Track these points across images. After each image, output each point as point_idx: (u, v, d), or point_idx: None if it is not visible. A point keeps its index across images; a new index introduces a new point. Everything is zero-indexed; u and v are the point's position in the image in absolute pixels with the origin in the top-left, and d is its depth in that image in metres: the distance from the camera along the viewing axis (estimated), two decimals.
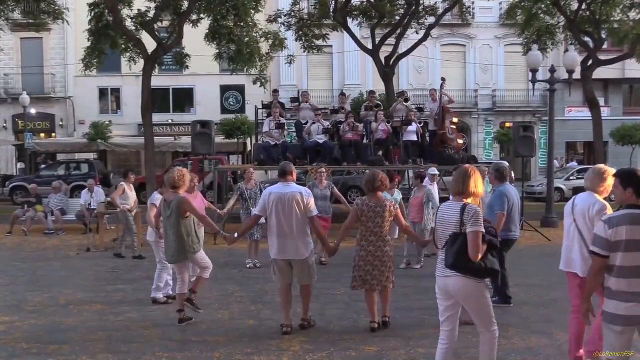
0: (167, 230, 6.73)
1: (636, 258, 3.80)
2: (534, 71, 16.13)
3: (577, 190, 11.38)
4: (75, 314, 7.26)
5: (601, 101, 27.63)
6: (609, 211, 4.63)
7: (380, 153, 15.19)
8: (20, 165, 31.86)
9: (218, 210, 10.67)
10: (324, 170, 11.29)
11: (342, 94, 17.69)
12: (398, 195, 10.82)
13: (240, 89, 32.01)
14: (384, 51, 22.04)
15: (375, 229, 6.16)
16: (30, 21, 22.79)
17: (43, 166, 27.89)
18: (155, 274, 7.88)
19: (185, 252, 6.61)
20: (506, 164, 7.91)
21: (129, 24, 19.84)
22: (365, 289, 6.37)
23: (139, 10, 19.80)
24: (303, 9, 22.86)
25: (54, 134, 32.34)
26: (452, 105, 15.78)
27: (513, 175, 15.48)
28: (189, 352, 5.77)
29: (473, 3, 30.62)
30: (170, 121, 32.11)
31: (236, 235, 6.57)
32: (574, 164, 30.26)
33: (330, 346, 5.93)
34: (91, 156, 28.57)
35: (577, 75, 17.52)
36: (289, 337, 6.21)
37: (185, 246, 6.58)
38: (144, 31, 20.15)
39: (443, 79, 15.36)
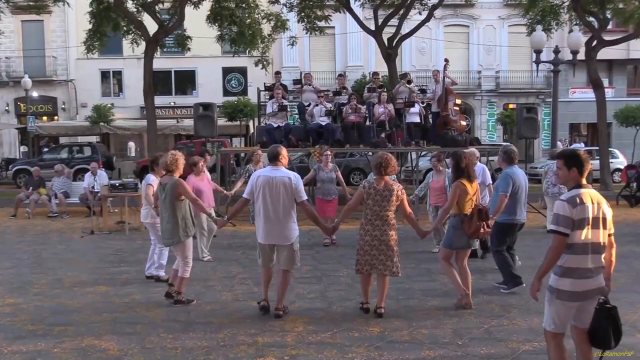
0: (162, 212, 6.83)
1: (594, 234, 3.96)
2: (538, 52, 16.03)
3: None
4: (79, 296, 7.31)
5: (605, 82, 27.43)
6: None
7: (383, 135, 15.16)
8: (23, 148, 31.90)
9: (224, 192, 10.75)
10: (329, 152, 11.27)
11: (340, 75, 17.63)
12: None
13: (242, 71, 31.90)
14: (387, 32, 21.88)
15: (381, 212, 6.06)
16: (31, 3, 22.67)
17: (46, 149, 27.92)
18: (154, 253, 7.99)
19: (178, 236, 6.67)
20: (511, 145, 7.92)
21: (130, 5, 19.72)
22: (364, 273, 6.28)
23: None
24: None
25: (56, 117, 32.33)
26: (455, 87, 15.71)
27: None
28: (193, 333, 5.82)
29: None
30: (172, 104, 32.08)
31: (225, 218, 6.61)
32: (580, 145, 30.12)
33: (333, 327, 5.97)
34: (94, 139, 28.57)
35: (581, 56, 17.40)
36: (292, 317, 6.25)
37: (179, 229, 6.64)
38: (145, 13, 20.03)
39: (446, 60, 15.27)
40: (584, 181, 4.09)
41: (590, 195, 4.02)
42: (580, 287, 3.95)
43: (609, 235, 4.07)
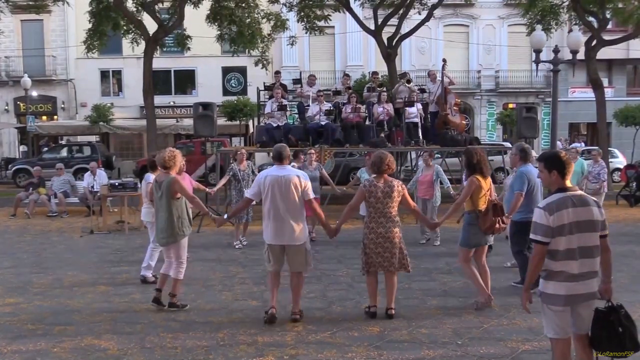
0: (158, 211, 6.70)
1: (581, 239, 3.84)
2: (538, 51, 16.00)
3: None
4: (79, 295, 7.31)
5: (605, 82, 27.41)
6: None
7: (383, 134, 15.16)
8: (23, 148, 31.89)
9: (207, 190, 10.71)
10: (313, 151, 11.37)
11: (346, 75, 17.61)
12: None
13: (242, 71, 31.89)
14: (387, 32, 21.88)
15: (384, 210, 6.07)
16: (31, 2, 22.66)
17: (45, 149, 27.93)
18: (146, 253, 7.94)
19: (174, 235, 6.56)
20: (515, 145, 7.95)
21: (129, 5, 19.72)
22: (368, 272, 6.25)
23: None
24: None
25: (55, 117, 32.31)
26: (455, 87, 15.72)
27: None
28: (193, 333, 5.82)
29: None
30: (171, 103, 32.07)
31: (225, 216, 6.52)
32: (580, 144, 30.11)
33: (332, 327, 5.97)
34: (93, 139, 28.57)
35: (580, 55, 17.39)
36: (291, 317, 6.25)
37: (175, 228, 6.53)
38: (145, 12, 20.03)
39: (444, 60, 15.31)
40: (567, 183, 3.95)
41: (573, 199, 3.89)
42: (564, 290, 3.84)
43: (602, 237, 3.93)
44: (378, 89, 15.43)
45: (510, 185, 7.50)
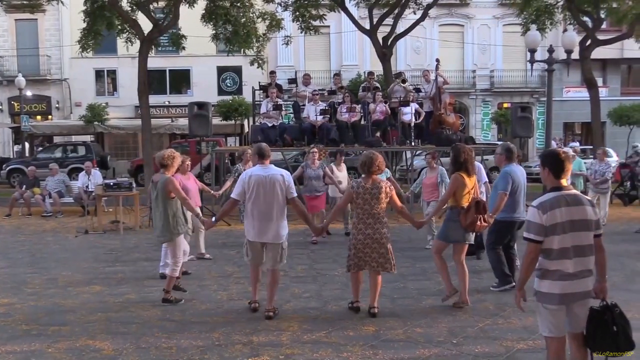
0: (154, 210, 6.95)
1: (575, 238, 3.85)
2: (532, 51, 16.05)
3: None
4: (74, 295, 7.29)
5: (599, 81, 27.47)
6: None
7: (378, 134, 15.18)
8: (17, 147, 31.78)
9: (212, 192, 10.71)
10: (315, 150, 11.41)
11: (337, 75, 17.63)
12: (385, 174, 10.84)
13: (237, 70, 31.85)
14: (382, 31, 21.89)
15: (372, 210, 6.11)
16: (25, 2, 22.57)
17: (40, 149, 27.83)
18: (162, 251, 7.96)
19: (169, 233, 6.75)
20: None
21: (124, 4, 19.66)
22: (354, 271, 6.32)
23: None
24: None
25: (50, 116, 32.21)
26: (450, 86, 15.77)
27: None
28: (188, 333, 5.81)
29: None
30: (166, 103, 32.00)
31: (213, 219, 6.59)
32: (575, 144, 30.18)
33: (328, 326, 5.97)
34: (88, 138, 28.50)
35: (575, 55, 17.44)
36: (287, 317, 6.25)
37: (169, 227, 6.72)
38: (139, 12, 19.97)
39: (437, 60, 15.38)
40: (563, 182, 3.96)
41: (567, 197, 3.89)
42: (559, 289, 3.85)
43: (596, 236, 3.94)
44: (373, 90, 15.47)
45: (494, 185, 7.51)
